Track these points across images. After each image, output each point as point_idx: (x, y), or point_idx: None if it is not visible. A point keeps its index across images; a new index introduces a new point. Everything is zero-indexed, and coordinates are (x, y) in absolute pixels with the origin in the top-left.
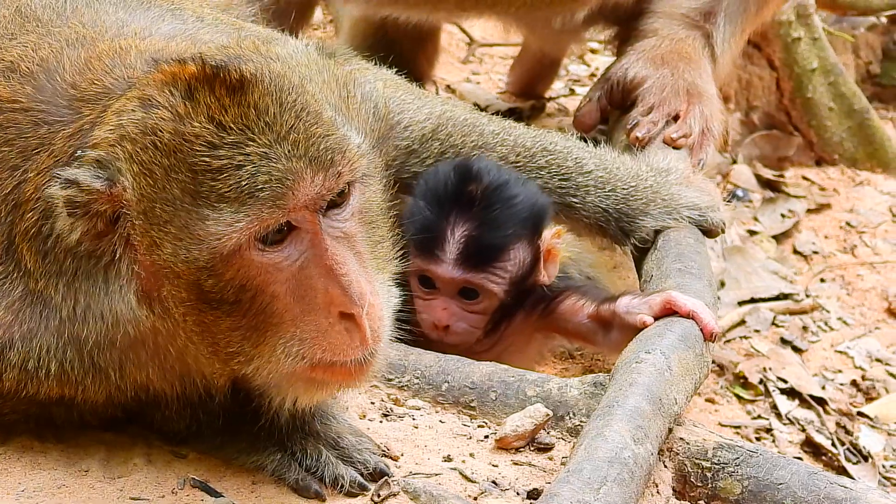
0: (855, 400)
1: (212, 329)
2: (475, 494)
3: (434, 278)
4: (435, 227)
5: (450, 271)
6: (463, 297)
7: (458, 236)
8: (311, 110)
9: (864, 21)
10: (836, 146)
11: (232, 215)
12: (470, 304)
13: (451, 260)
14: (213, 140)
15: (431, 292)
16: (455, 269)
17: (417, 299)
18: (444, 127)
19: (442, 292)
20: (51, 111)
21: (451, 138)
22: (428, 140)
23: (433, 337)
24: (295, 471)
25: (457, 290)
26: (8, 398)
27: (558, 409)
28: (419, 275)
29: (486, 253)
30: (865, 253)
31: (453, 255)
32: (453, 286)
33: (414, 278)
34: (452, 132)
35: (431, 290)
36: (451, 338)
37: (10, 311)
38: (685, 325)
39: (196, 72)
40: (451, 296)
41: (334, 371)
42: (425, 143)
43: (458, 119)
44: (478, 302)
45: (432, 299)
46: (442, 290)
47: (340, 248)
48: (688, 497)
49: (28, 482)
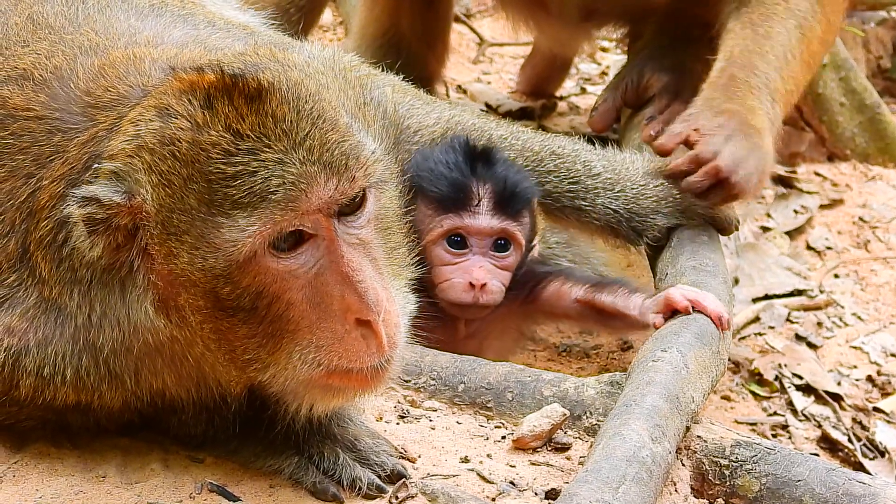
0: (871, 395)
1: (228, 337)
2: (493, 495)
3: (468, 234)
4: (461, 184)
5: (488, 221)
6: (495, 252)
7: (488, 188)
8: (328, 117)
9: (874, 16)
10: (847, 141)
11: (245, 220)
12: (501, 257)
13: (487, 210)
14: (229, 148)
15: (462, 252)
16: (493, 219)
17: (443, 267)
18: (453, 131)
19: (474, 250)
20: (65, 119)
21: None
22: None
23: (466, 300)
24: (312, 474)
25: (491, 243)
26: (24, 405)
27: (575, 408)
28: (449, 236)
29: (518, 200)
30: (879, 248)
31: (489, 206)
32: (489, 238)
33: (438, 245)
34: None
35: (462, 249)
36: (487, 297)
37: (24, 319)
38: (701, 323)
39: (215, 80)
40: (484, 252)
41: (351, 378)
42: None
43: (467, 123)
44: (508, 255)
45: (463, 261)
46: (475, 247)
47: (356, 255)
48: (706, 495)
49: (45, 488)
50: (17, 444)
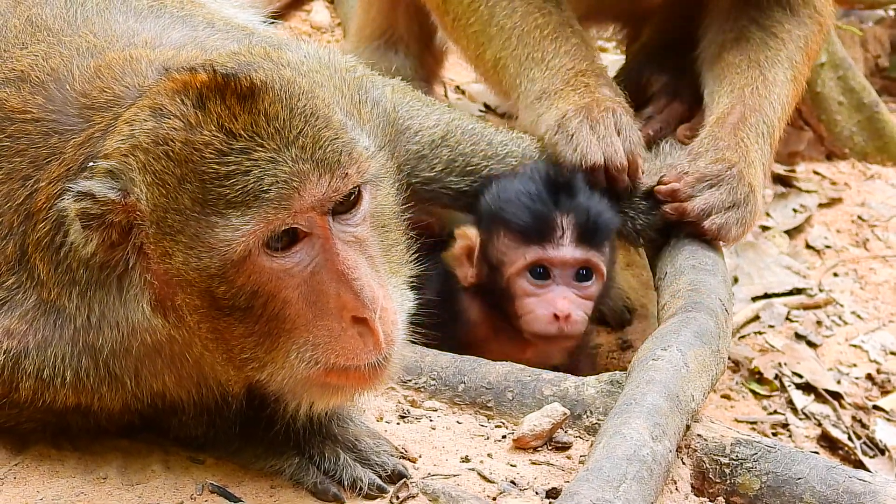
0: (870, 393)
1: (225, 336)
2: (494, 495)
3: (552, 265)
4: (545, 216)
5: (572, 252)
6: (577, 282)
7: (571, 219)
8: (321, 115)
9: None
10: (846, 140)
11: (239, 219)
12: (584, 287)
13: (571, 241)
14: (222, 147)
15: (545, 284)
16: (576, 250)
17: (527, 299)
18: (454, 134)
19: (557, 281)
20: (61, 120)
21: (461, 146)
22: (438, 146)
23: (551, 331)
24: (313, 474)
25: (573, 273)
26: (24, 407)
27: (575, 407)
28: (532, 267)
29: (601, 230)
30: (878, 246)
31: (572, 237)
32: (572, 268)
33: (522, 276)
34: (461, 140)
35: (544, 281)
36: (571, 327)
37: (24, 321)
38: (700, 322)
39: (207, 80)
40: (567, 283)
41: (349, 375)
42: (435, 149)
43: (467, 127)
44: (590, 285)
45: (546, 292)
46: (557, 277)
47: (352, 253)
48: (707, 493)
49: (46, 490)
50: (17, 446)
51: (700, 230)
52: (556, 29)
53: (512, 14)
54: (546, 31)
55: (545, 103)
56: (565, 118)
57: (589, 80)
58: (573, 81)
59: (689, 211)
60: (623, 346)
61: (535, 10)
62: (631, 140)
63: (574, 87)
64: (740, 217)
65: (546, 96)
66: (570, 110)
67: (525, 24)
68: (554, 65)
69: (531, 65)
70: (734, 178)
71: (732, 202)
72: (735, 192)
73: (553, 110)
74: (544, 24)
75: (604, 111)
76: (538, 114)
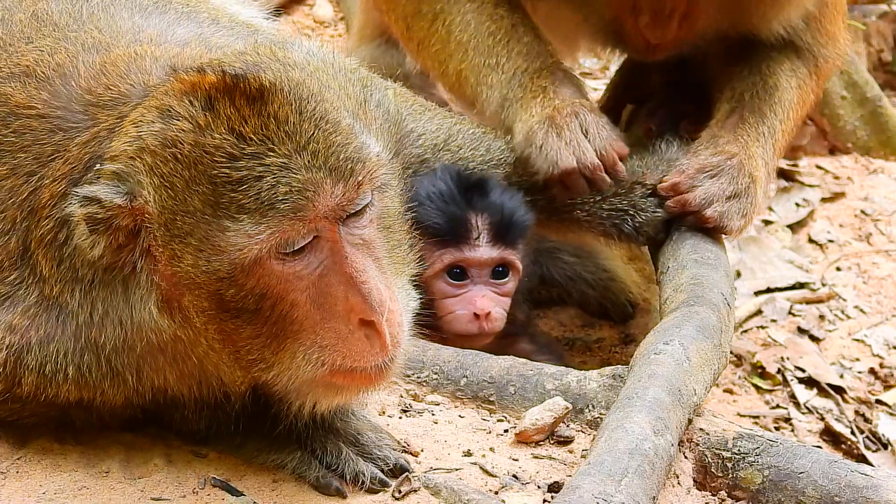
0: (873, 388)
1: (233, 337)
2: (496, 488)
3: (468, 265)
4: (459, 218)
5: (488, 252)
6: (494, 279)
7: (486, 219)
8: (331, 119)
9: (875, 9)
10: (849, 135)
11: (253, 227)
12: (500, 284)
13: (486, 241)
14: (233, 151)
15: (462, 284)
16: (492, 249)
17: (446, 300)
18: (455, 139)
19: (474, 280)
20: (66, 117)
21: (461, 150)
22: (440, 150)
23: (472, 330)
24: (315, 468)
25: (490, 271)
26: (27, 402)
27: (577, 401)
28: (449, 269)
29: (515, 228)
30: (881, 241)
31: (488, 237)
32: (488, 267)
33: (439, 279)
34: (462, 144)
35: (462, 281)
36: (491, 325)
37: (26, 316)
38: (702, 316)
39: (216, 82)
40: (485, 282)
41: (354, 376)
42: (437, 153)
43: (467, 132)
44: (507, 282)
45: (464, 292)
46: (474, 277)
47: (360, 256)
48: (709, 487)
49: (49, 484)
50: (20, 440)
51: (702, 219)
52: (507, 32)
53: (466, 27)
54: (498, 35)
55: (509, 112)
56: (531, 132)
57: (545, 83)
58: (531, 86)
59: (691, 201)
60: (625, 341)
61: (486, 20)
62: (600, 136)
63: (533, 93)
64: (742, 208)
65: (508, 104)
66: (535, 122)
67: (479, 33)
68: (508, 67)
69: (488, 72)
70: (735, 168)
71: (734, 192)
72: (736, 182)
73: (519, 124)
74: (496, 29)
75: (567, 116)
76: (505, 125)
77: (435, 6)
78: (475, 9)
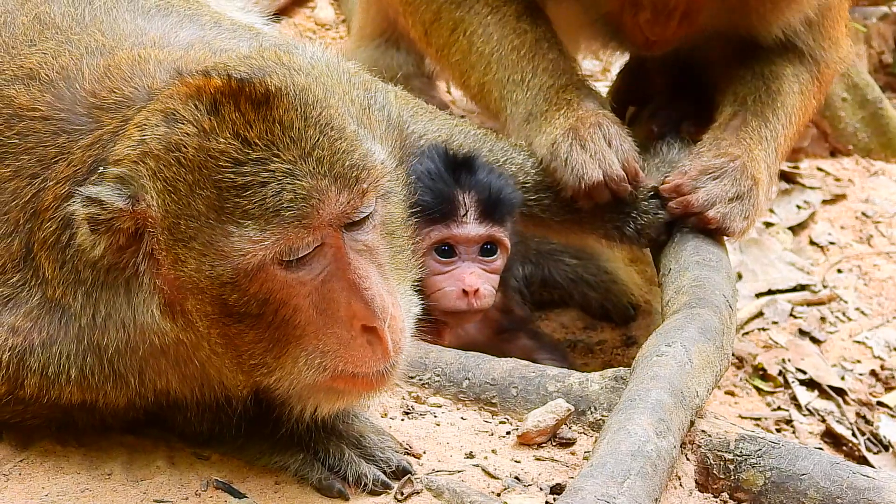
0: (874, 390)
1: (235, 341)
2: (498, 490)
3: (456, 242)
4: (446, 195)
5: (476, 229)
6: (482, 256)
7: (473, 196)
8: (335, 125)
9: (876, 11)
10: (850, 137)
11: (257, 233)
12: (489, 261)
13: (474, 219)
14: (238, 156)
15: (451, 261)
16: (480, 226)
17: (435, 277)
18: (457, 140)
19: (462, 257)
20: (70, 119)
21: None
22: None
23: (461, 307)
24: (318, 470)
25: (478, 249)
26: (30, 403)
27: (579, 403)
28: (437, 246)
29: (503, 205)
30: (882, 243)
31: (475, 214)
32: (475, 244)
33: (427, 256)
34: (464, 145)
35: (450, 258)
36: (480, 301)
37: (29, 318)
38: (705, 318)
39: (221, 85)
40: (472, 258)
41: (356, 382)
42: None
43: (469, 133)
44: (495, 259)
45: (453, 269)
46: (462, 254)
47: (363, 262)
48: (711, 489)
49: (51, 486)
50: (23, 442)
51: (704, 220)
52: (531, 48)
53: (489, 40)
54: (523, 50)
55: (533, 126)
56: (555, 144)
57: (570, 96)
58: (555, 100)
59: (693, 203)
60: (627, 343)
61: (510, 33)
62: (623, 148)
63: (557, 106)
64: (744, 210)
65: (532, 118)
66: (559, 134)
67: (502, 47)
68: (534, 84)
69: (513, 87)
70: (737, 170)
71: (736, 193)
72: (738, 184)
73: (542, 136)
74: (520, 44)
75: (591, 127)
76: (529, 139)
77: (454, 14)
78: (497, 21)
